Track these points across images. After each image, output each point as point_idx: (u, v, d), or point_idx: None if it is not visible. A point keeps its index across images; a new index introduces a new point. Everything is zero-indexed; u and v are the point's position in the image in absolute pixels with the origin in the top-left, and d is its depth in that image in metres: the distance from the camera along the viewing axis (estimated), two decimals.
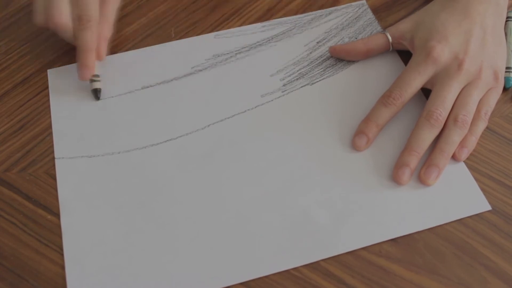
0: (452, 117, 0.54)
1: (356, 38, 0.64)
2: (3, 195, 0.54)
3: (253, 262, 0.49)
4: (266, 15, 0.67)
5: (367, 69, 0.62)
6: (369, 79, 0.61)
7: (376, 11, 0.67)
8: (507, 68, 0.60)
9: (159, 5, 0.69)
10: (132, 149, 0.56)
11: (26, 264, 0.50)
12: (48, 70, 0.62)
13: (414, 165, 0.53)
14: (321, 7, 0.68)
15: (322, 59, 0.63)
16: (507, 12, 0.65)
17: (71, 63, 0.63)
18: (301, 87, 0.61)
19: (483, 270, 0.48)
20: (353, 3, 0.68)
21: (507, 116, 0.58)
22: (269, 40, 0.65)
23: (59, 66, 0.63)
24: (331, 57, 0.63)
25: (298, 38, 0.65)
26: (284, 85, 0.61)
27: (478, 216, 0.51)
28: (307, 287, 0.48)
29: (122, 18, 0.67)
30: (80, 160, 0.56)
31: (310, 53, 0.64)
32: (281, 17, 0.67)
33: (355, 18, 0.67)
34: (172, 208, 0.53)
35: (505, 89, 0.60)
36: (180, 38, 0.65)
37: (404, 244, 0.50)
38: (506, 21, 0.65)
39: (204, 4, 0.69)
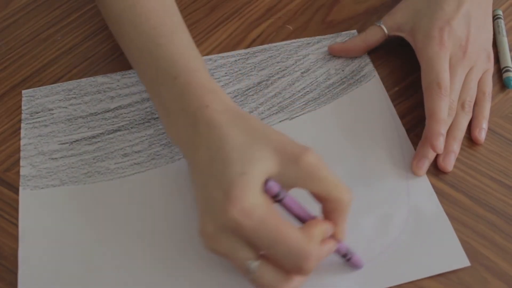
0: (459, 103, 0.56)
1: (343, 70, 0.61)
2: (3, 195, 0.54)
3: None
4: (265, 15, 0.67)
5: (351, 104, 0.59)
6: (353, 114, 0.58)
7: (376, 11, 0.67)
8: (506, 67, 0.60)
9: None
10: (98, 181, 0.54)
11: None
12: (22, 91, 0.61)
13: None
14: (321, 7, 0.68)
15: (305, 91, 0.60)
16: (495, 11, 0.65)
17: (70, 63, 0.63)
18: (280, 121, 0.58)
19: (484, 270, 0.48)
20: (343, 32, 0.65)
21: (507, 116, 0.58)
22: (251, 68, 0.62)
23: (58, 65, 0.63)
24: (314, 89, 0.60)
25: (281, 67, 0.62)
26: (262, 119, 0.58)
27: (478, 216, 0.51)
28: None
29: None
30: (45, 190, 0.54)
31: (293, 84, 0.61)
32: (280, 17, 0.67)
33: None
34: (132, 245, 0.50)
35: (505, 88, 0.60)
36: None
37: None
38: (496, 19, 0.65)
39: (204, 4, 0.69)
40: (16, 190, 0.54)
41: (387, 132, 0.57)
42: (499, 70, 0.61)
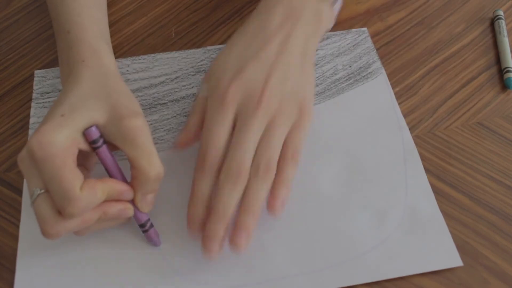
0: (254, 167, 0.47)
1: (350, 66, 0.61)
2: (3, 195, 0.54)
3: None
4: None
5: (355, 100, 0.59)
6: (357, 110, 0.58)
7: (376, 11, 0.67)
8: (506, 68, 0.60)
9: (160, 5, 0.69)
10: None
11: None
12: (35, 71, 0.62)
13: (223, 234, 0.46)
14: None
15: None
16: (496, 11, 0.65)
17: None
18: None
19: (484, 270, 0.48)
20: (353, 30, 0.65)
21: (507, 116, 0.58)
22: None
23: (58, 65, 0.63)
24: (320, 84, 0.60)
25: None
26: None
27: (478, 216, 0.51)
28: None
29: (123, 18, 0.67)
30: None
31: None
32: None
33: (353, 46, 0.64)
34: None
35: (506, 89, 0.60)
36: (181, 38, 0.65)
37: None
38: (497, 19, 0.65)
39: (205, 4, 0.69)
40: (16, 190, 0.54)
41: (389, 130, 0.57)
42: (500, 71, 0.61)
